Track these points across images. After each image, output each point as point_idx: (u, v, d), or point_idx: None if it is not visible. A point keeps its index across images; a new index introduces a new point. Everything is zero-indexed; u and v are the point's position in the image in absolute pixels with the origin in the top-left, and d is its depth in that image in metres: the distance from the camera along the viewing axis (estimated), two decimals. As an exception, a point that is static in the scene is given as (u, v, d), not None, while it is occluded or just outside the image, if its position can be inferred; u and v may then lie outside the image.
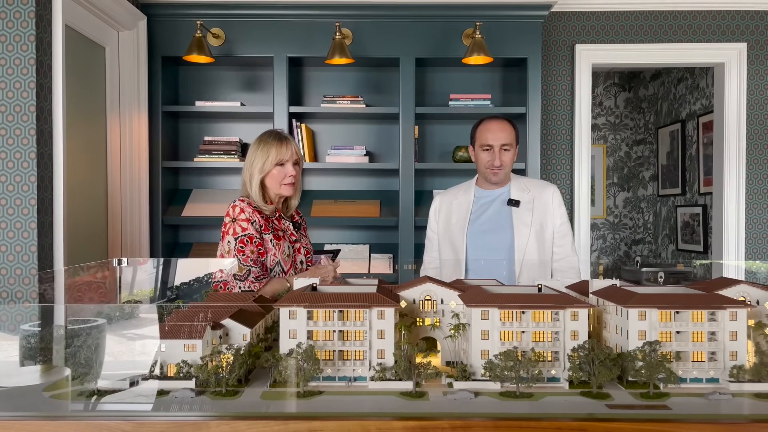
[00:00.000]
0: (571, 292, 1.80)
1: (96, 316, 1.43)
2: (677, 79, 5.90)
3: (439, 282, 1.50)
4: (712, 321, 1.32)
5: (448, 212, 2.91)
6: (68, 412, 1.10)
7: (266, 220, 2.48)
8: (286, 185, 2.51)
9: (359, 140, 4.29)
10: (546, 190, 2.85)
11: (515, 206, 2.78)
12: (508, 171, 2.83)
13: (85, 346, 1.29)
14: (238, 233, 2.40)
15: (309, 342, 1.29)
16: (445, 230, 2.89)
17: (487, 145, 2.76)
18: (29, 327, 1.48)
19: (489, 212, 2.83)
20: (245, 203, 2.46)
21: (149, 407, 1.13)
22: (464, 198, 2.89)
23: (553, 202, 2.82)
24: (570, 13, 4.33)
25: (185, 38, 3.87)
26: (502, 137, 2.75)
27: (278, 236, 2.49)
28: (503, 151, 2.75)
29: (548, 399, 1.22)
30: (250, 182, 2.49)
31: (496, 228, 2.79)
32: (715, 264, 4.59)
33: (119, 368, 1.31)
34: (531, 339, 1.31)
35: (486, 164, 2.78)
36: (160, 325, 1.35)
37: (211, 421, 1.06)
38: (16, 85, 2.86)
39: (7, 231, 2.87)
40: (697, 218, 5.45)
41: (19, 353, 1.45)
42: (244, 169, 2.55)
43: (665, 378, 1.23)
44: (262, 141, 2.52)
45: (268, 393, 1.23)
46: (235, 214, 2.44)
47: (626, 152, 6.43)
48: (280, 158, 2.47)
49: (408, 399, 1.21)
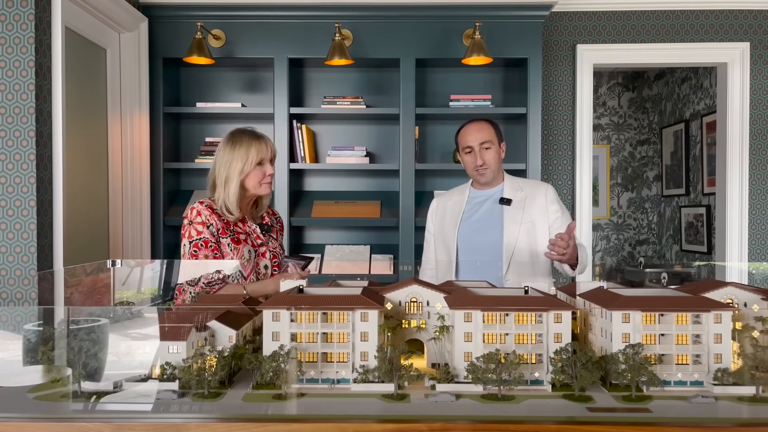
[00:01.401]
0: (561, 293, 1.80)
1: (86, 317, 1.44)
2: (681, 78, 5.87)
3: (426, 284, 1.50)
4: (696, 324, 1.31)
5: (443, 213, 2.93)
6: (48, 413, 1.11)
7: (226, 223, 2.40)
8: (266, 184, 2.44)
9: (360, 141, 4.30)
10: (539, 188, 2.85)
11: (507, 204, 2.78)
12: (495, 169, 2.82)
13: (87, 346, 1.29)
14: (193, 237, 2.34)
15: (292, 344, 1.29)
16: (440, 231, 2.91)
17: (468, 147, 2.79)
18: (32, 327, 1.49)
19: (480, 211, 2.84)
20: (204, 206, 2.38)
21: (130, 409, 1.14)
22: (458, 198, 2.92)
23: (547, 199, 2.80)
24: (571, 12, 4.32)
25: (186, 39, 3.89)
26: (479, 136, 2.77)
27: (237, 240, 2.40)
28: (484, 150, 2.76)
29: (530, 402, 1.22)
30: (226, 186, 2.39)
31: (486, 227, 2.79)
32: (715, 265, 4.56)
33: (105, 369, 1.32)
34: (514, 341, 1.31)
35: (471, 166, 2.80)
36: (146, 327, 1.35)
37: (190, 423, 1.06)
38: (15, 87, 2.88)
39: (6, 232, 2.89)
40: (701, 219, 5.42)
41: (22, 353, 1.46)
42: (216, 171, 2.42)
43: (647, 381, 1.23)
44: (236, 141, 2.41)
45: (249, 395, 1.24)
46: (192, 217, 2.38)
47: (630, 152, 6.40)
48: (260, 157, 2.39)
49: (389, 401, 1.22)
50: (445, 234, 2.85)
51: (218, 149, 2.46)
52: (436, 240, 2.92)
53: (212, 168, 2.45)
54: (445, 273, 2.81)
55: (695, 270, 5.13)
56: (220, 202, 2.40)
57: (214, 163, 2.45)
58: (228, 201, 2.39)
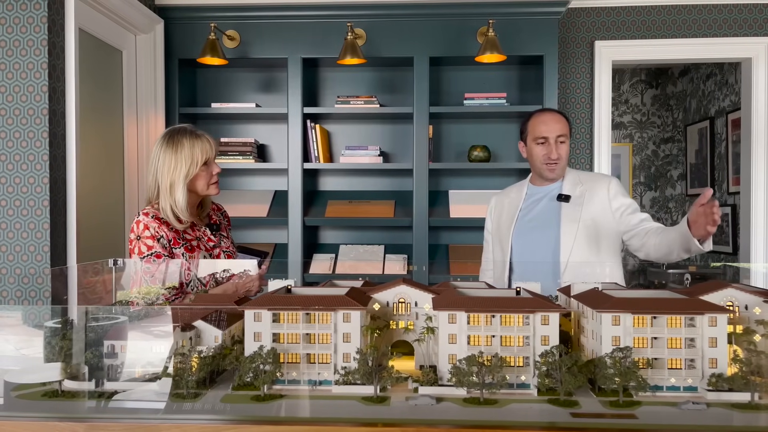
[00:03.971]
0: (562, 295, 1.75)
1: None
2: (706, 75, 5.73)
3: (415, 284, 1.47)
4: (690, 327, 1.26)
5: (500, 211, 2.80)
6: (23, 411, 1.11)
7: (176, 231, 2.25)
8: (214, 185, 2.33)
9: (373, 140, 4.28)
10: (601, 181, 2.64)
11: (565, 201, 2.59)
12: (565, 165, 2.66)
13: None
14: (144, 253, 2.18)
15: (273, 345, 1.28)
16: (496, 230, 2.78)
17: (542, 137, 2.60)
18: (52, 324, 1.50)
19: (537, 209, 2.68)
20: (150, 217, 2.22)
21: (107, 408, 1.14)
22: (516, 195, 2.77)
23: (609, 192, 2.59)
24: (589, 8, 4.24)
25: (202, 41, 3.91)
26: (557, 128, 2.59)
27: (191, 247, 2.28)
28: (559, 144, 2.59)
29: (513, 406, 1.19)
30: (171, 191, 2.23)
31: (542, 226, 2.63)
32: (739, 266, 4.43)
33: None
34: (500, 343, 1.28)
35: (542, 158, 2.62)
36: (131, 326, 1.35)
37: (162, 424, 1.05)
38: (29, 89, 2.93)
39: (21, 231, 2.94)
40: (726, 218, 5.28)
41: (43, 350, 1.47)
42: (159, 176, 2.26)
43: (636, 386, 1.19)
44: (177, 142, 2.25)
45: (228, 396, 1.23)
46: (140, 232, 2.20)
47: (653, 150, 6.28)
48: (205, 157, 2.27)
49: (368, 404, 1.19)
50: (501, 233, 2.72)
51: (156, 152, 2.28)
52: (493, 239, 2.81)
53: (153, 174, 2.28)
54: (500, 274, 2.68)
55: (720, 271, 5.00)
56: (167, 209, 2.24)
57: (154, 169, 2.28)
58: (176, 207, 2.23)
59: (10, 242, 2.93)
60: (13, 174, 2.92)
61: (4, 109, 2.92)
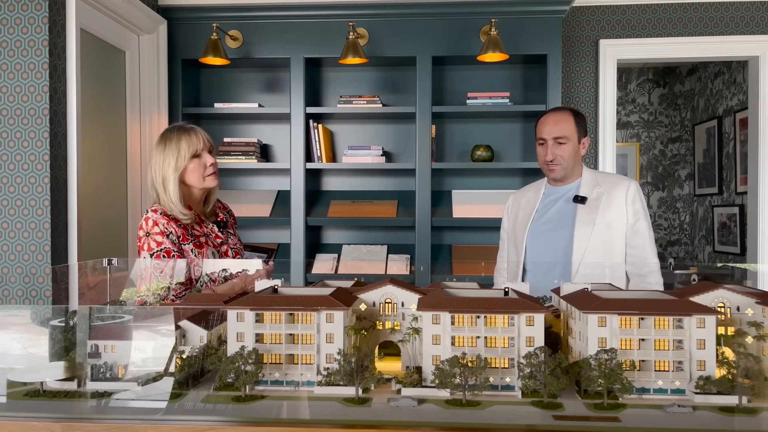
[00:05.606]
0: (554, 295, 1.73)
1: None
2: (714, 73, 5.68)
3: (402, 284, 1.46)
4: (678, 328, 1.24)
5: (516, 211, 2.78)
6: (3, 411, 1.11)
7: (184, 228, 2.29)
8: (210, 176, 2.35)
9: (376, 140, 4.27)
10: (620, 184, 2.59)
11: (581, 203, 2.56)
12: (568, 166, 2.60)
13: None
14: (153, 249, 2.21)
15: (256, 345, 1.27)
16: (512, 230, 2.77)
17: (541, 138, 2.61)
18: (57, 323, 1.51)
19: (552, 210, 2.65)
20: (159, 214, 2.26)
21: (85, 408, 1.13)
22: (533, 195, 2.75)
23: (627, 197, 2.55)
24: (593, 7, 4.21)
25: (205, 41, 3.92)
26: (555, 130, 2.57)
27: (199, 244, 2.31)
28: (557, 145, 2.56)
29: (495, 408, 1.17)
30: (165, 187, 2.28)
31: (556, 227, 2.61)
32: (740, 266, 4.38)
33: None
34: (485, 345, 1.26)
35: (540, 159, 2.64)
36: (116, 326, 1.35)
37: (139, 425, 1.05)
38: (30, 89, 2.94)
39: (22, 231, 2.95)
40: (734, 219, 5.22)
41: (49, 348, 1.48)
42: (153, 174, 2.32)
43: (620, 388, 1.17)
44: (166, 139, 2.32)
45: (209, 396, 1.22)
46: (149, 228, 2.24)
47: (661, 150, 6.22)
48: (193, 149, 2.30)
49: (349, 405, 1.18)
50: (516, 233, 2.71)
51: (153, 151, 2.37)
52: (509, 239, 2.80)
53: (150, 174, 2.35)
54: (514, 274, 2.67)
55: (729, 272, 4.95)
56: (167, 205, 2.29)
57: (150, 167, 2.36)
58: (172, 202, 2.28)
59: (11, 242, 2.95)
60: (15, 174, 2.94)
61: (6, 109, 2.93)
